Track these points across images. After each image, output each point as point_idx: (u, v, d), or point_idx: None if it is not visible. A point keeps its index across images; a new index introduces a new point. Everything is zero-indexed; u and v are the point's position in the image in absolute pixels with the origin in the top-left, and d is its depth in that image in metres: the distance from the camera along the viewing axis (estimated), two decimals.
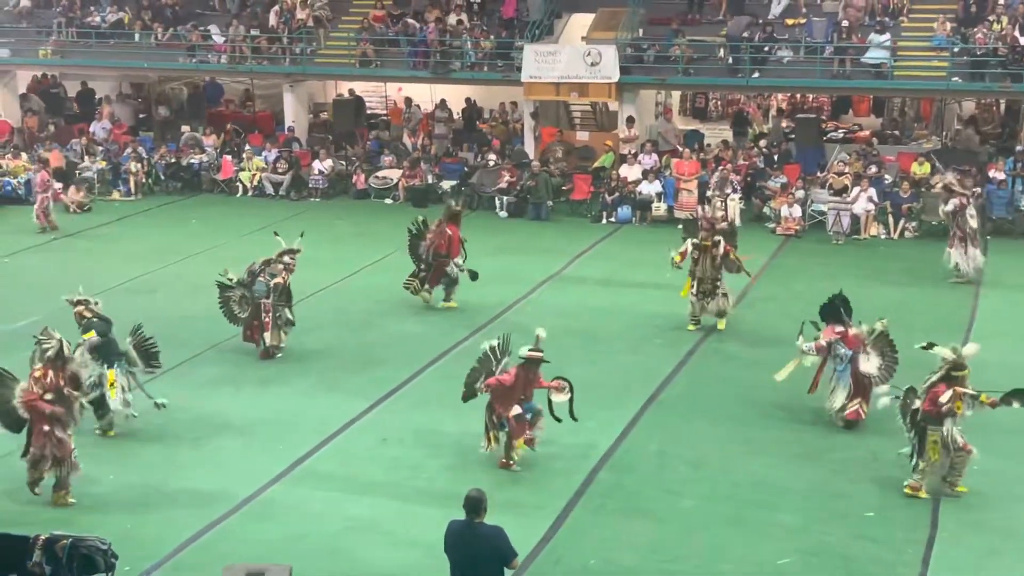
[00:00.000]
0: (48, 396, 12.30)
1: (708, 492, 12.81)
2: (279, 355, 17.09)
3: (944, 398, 12.25)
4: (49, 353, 12.43)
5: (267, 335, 16.99)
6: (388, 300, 19.60)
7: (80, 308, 14.73)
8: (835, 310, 14.90)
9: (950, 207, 20.21)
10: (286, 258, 17.19)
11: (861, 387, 14.34)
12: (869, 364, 14.26)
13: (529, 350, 13.10)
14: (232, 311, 17.33)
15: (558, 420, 13.38)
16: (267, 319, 16.94)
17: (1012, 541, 11.83)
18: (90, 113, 33.56)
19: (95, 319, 14.48)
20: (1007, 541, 11.83)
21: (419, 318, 18.85)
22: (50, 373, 12.37)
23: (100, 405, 14.18)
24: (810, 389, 14.76)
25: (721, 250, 17.66)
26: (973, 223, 20.34)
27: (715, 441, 14.12)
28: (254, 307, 17.04)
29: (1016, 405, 12.52)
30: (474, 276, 19.14)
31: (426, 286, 19.21)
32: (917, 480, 12.64)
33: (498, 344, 13.46)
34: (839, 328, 14.57)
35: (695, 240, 17.74)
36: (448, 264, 19.07)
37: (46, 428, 12.34)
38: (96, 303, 14.86)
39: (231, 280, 17.31)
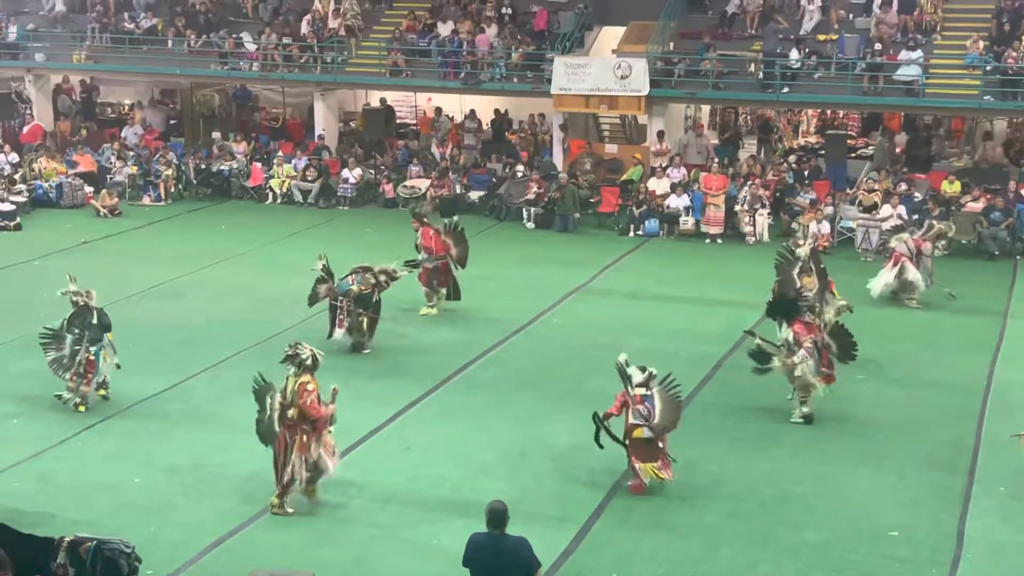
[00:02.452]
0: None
1: (731, 508, 12.76)
2: (366, 351, 17.63)
3: None
4: (308, 363, 12.58)
5: (338, 331, 17.55)
6: (414, 310, 19.62)
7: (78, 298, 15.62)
8: (791, 305, 15.24)
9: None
10: (382, 277, 17.61)
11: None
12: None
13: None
14: (317, 296, 17.85)
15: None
16: (340, 316, 17.47)
17: None
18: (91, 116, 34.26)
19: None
20: None
21: (444, 328, 18.86)
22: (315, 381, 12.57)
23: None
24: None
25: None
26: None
27: (739, 457, 14.07)
28: (332, 303, 17.62)
29: None
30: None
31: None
32: None
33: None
34: (803, 322, 14.99)
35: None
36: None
37: (326, 430, 12.64)
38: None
39: (322, 268, 17.77)
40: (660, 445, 13.04)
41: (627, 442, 13.08)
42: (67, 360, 15.24)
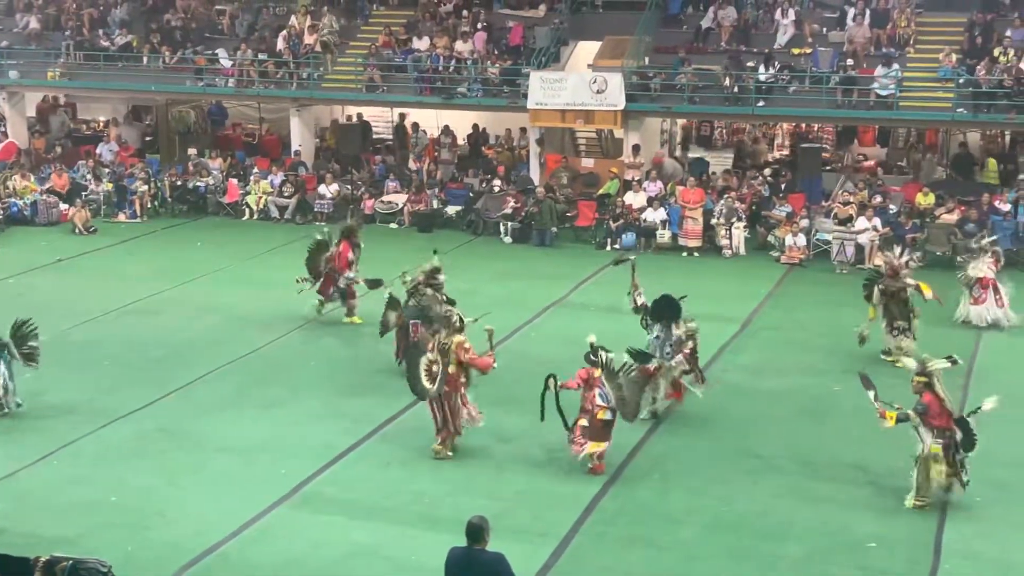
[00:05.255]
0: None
1: (710, 522, 12.77)
2: None
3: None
4: (457, 323, 14.39)
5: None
6: None
7: None
8: (667, 309, 15.53)
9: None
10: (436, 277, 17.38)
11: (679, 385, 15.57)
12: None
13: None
14: (388, 324, 17.62)
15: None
16: (413, 339, 16.96)
17: (1011, 573, 11.81)
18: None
19: None
20: (1006, 574, 11.80)
21: None
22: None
23: None
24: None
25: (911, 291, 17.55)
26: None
27: (717, 470, 14.10)
28: (403, 327, 17.25)
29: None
30: (372, 285, 19.54)
31: (319, 298, 19.86)
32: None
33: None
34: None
35: (881, 286, 17.72)
36: (338, 278, 19.59)
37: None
38: None
39: (389, 294, 17.76)
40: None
41: (586, 422, 13.73)
42: None
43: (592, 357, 13.89)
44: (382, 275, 20.32)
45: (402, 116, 32.07)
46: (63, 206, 28.18)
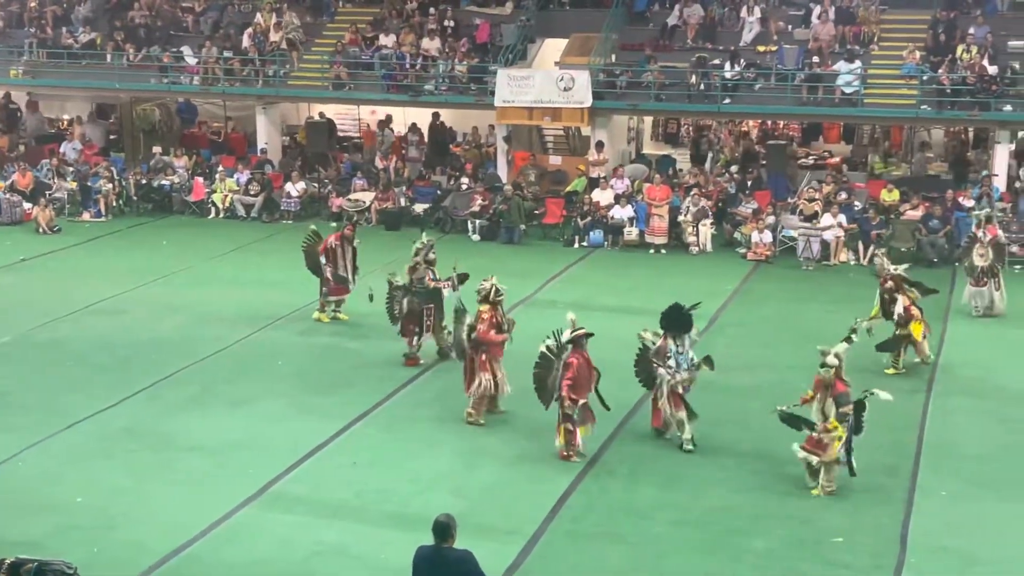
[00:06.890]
0: (492, 332, 15.20)
1: (679, 517, 12.82)
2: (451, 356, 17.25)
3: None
4: (496, 297, 15.44)
5: (423, 338, 17.45)
6: (358, 324, 19.56)
7: None
8: (677, 321, 15.03)
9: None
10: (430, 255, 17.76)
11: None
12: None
13: (572, 332, 14.12)
14: (394, 311, 17.60)
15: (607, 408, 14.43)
16: (428, 322, 17.37)
17: (976, 567, 11.90)
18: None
19: None
20: (971, 567, 11.89)
21: (390, 341, 18.75)
22: (495, 313, 15.35)
23: None
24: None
25: (900, 306, 17.29)
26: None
27: (685, 466, 14.14)
28: (412, 310, 17.39)
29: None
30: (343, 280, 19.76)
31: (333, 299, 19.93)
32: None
33: (553, 343, 14.26)
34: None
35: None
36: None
37: (497, 356, 15.27)
38: None
39: (398, 283, 17.61)
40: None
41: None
42: None
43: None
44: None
45: (436, 115, 31.61)
46: (27, 205, 27.94)
